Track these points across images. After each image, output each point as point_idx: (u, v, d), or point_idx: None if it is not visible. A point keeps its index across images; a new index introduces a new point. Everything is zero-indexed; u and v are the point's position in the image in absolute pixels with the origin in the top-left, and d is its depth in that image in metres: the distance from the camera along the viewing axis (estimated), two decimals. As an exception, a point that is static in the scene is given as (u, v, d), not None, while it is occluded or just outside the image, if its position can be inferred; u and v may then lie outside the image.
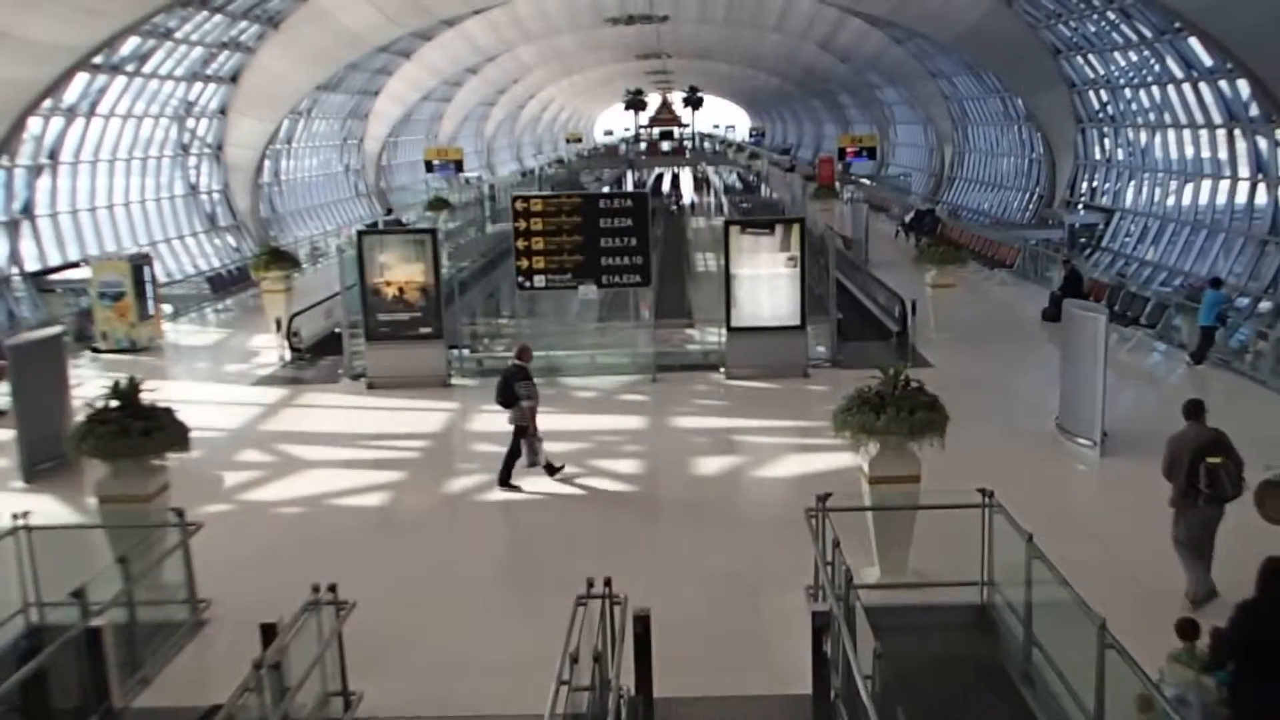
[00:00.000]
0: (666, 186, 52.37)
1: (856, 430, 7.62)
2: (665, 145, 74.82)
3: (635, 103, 72.59)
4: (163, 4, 21.47)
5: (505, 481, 10.36)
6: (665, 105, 79.36)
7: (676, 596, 7.62)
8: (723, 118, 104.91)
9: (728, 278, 13.91)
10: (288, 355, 16.07)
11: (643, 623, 6.14)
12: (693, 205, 47.86)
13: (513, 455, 10.41)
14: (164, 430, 7.65)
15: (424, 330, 14.08)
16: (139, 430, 7.55)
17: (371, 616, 7.22)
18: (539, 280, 13.98)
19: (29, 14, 17.76)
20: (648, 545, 9.08)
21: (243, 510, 10.17)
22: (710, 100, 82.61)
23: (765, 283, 13.84)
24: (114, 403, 7.80)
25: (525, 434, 10.36)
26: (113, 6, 19.93)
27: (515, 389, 10.35)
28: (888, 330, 16.97)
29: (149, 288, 17.65)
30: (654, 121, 78.80)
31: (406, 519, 10.19)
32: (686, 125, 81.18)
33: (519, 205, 13.81)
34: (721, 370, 14.40)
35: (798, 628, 6.70)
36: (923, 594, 7.67)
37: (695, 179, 60.80)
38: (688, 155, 71.57)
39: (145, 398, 8.03)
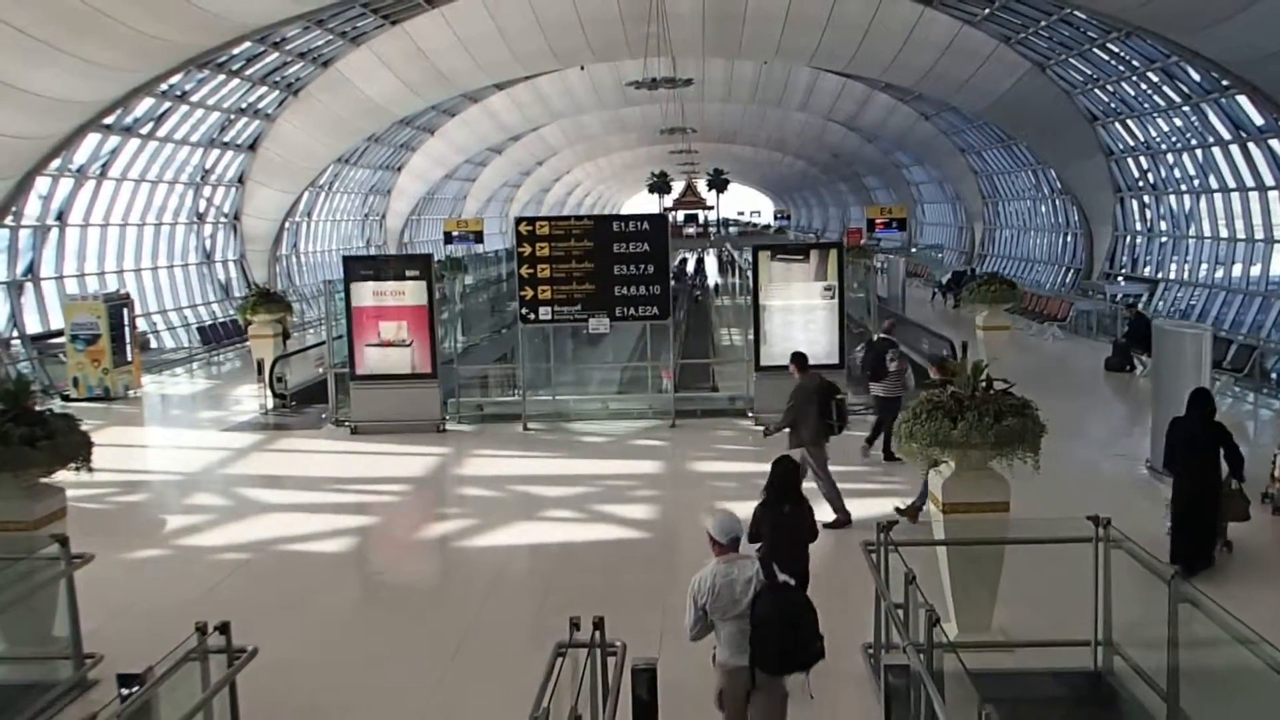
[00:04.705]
0: (690, 268, 51.61)
1: (928, 443, 5.95)
2: (690, 229, 74.56)
3: (660, 185, 72.68)
4: (176, 64, 20.99)
5: (890, 455, 10.90)
6: (690, 188, 79.50)
7: (694, 653, 5.89)
8: (747, 204, 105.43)
9: (756, 310, 12.40)
10: (270, 402, 14.64)
11: (646, 680, 4.43)
12: (716, 287, 47.02)
13: (880, 426, 11.03)
14: (54, 440, 6.13)
15: (416, 369, 12.62)
16: (21, 438, 6.04)
17: (308, 677, 5.87)
18: (544, 312, 12.54)
19: (37, 65, 17.12)
20: (660, 597, 7.42)
21: (177, 555, 8.68)
22: (735, 187, 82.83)
23: (799, 315, 12.34)
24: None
25: (898, 406, 10.66)
26: (126, 62, 19.38)
27: (886, 361, 10.90)
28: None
29: (127, 331, 16.39)
30: (678, 204, 78.77)
31: (371, 567, 8.63)
32: (711, 208, 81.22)
33: (523, 229, 12.49)
34: (750, 415, 12.81)
35: (854, 693, 5.39)
36: (1014, 658, 5.90)
37: (720, 261, 60.17)
38: (712, 238, 71.23)
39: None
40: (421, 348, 12.58)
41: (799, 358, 10.01)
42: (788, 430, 9.26)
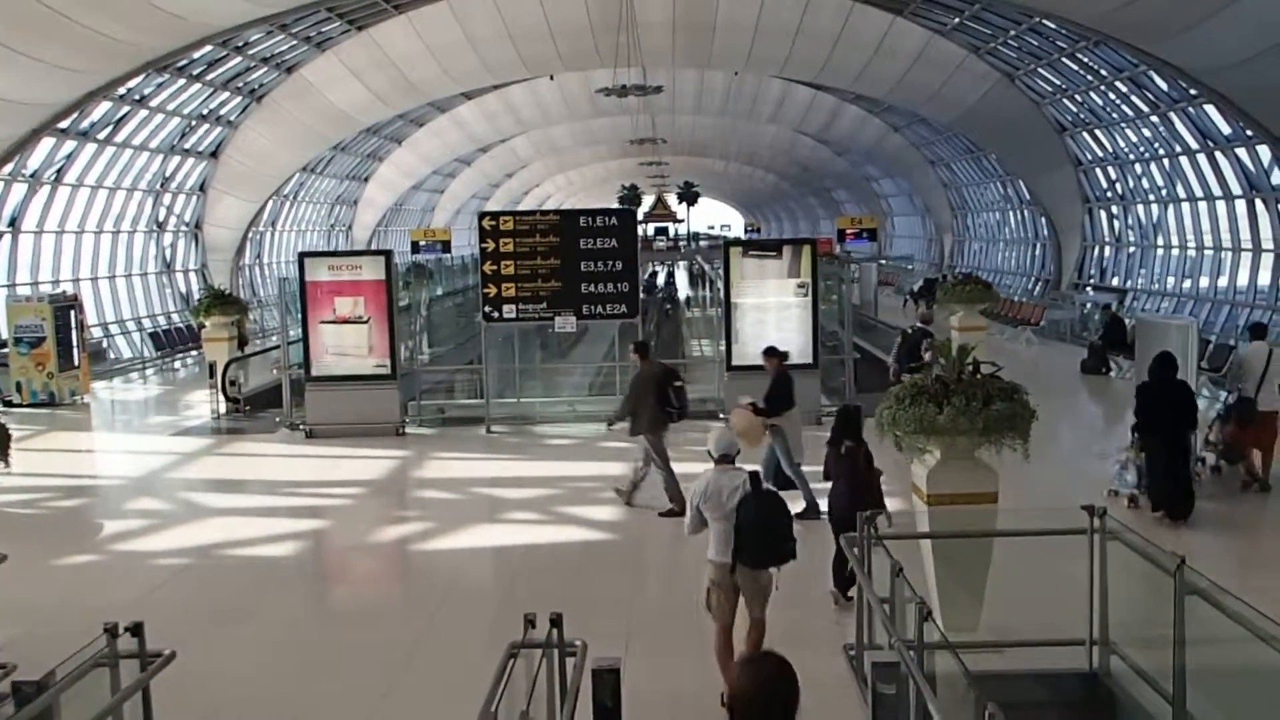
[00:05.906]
0: (661, 281, 51.23)
1: (911, 430, 5.60)
2: (660, 242, 74.38)
3: (630, 198, 72.47)
4: (135, 67, 20.38)
5: None
6: (660, 201, 79.40)
7: (662, 658, 5.50)
8: (718, 218, 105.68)
9: (728, 308, 12.03)
10: (222, 407, 14.04)
11: (608, 681, 4.00)
12: (689, 300, 46.74)
13: None
14: (-32, 430, 5.64)
15: (375, 370, 12.12)
16: (-70, 425, 5.54)
17: (243, 688, 5.50)
18: (509, 311, 12.09)
19: (-12, 66, 16.46)
20: (627, 599, 7.03)
21: (113, 560, 8.16)
22: (705, 201, 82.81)
23: (771, 314, 11.99)
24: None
25: None
26: (82, 64, 18.77)
27: (921, 351, 10.87)
28: (908, 381, 15.12)
29: (74, 335, 15.67)
30: (649, 217, 78.57)
31: (321, 572, 8.13)
32: (681, 221, 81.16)
33: (487, 224, 12.07)
34: (721, 416, 12.43)
35: (835, 697, 5.06)
36: (1003, 659, 5.55)
37: (690, 274, 59.93)
38: (682, 251, 71.11)
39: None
40: (379, 326, 12.09)
41: (640, 346, 10.24)
42: (629, 420, 9.35)
